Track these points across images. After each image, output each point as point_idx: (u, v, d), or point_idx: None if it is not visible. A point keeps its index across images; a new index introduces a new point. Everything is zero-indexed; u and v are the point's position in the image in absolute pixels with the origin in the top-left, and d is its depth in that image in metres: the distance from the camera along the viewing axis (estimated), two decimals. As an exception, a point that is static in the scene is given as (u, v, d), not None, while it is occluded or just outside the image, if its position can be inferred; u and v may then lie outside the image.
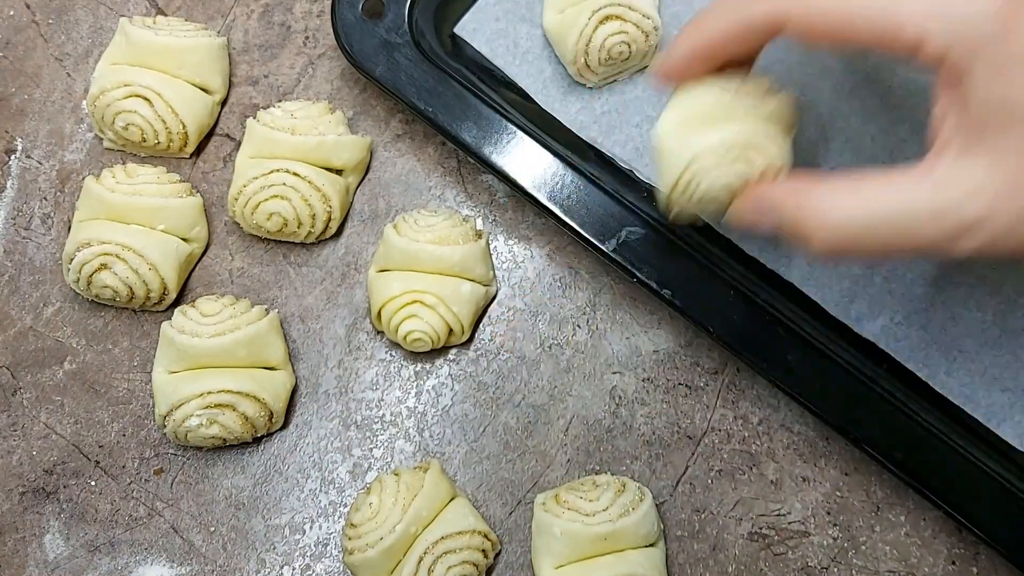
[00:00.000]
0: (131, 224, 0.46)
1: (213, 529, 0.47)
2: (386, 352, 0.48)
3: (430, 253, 0.45)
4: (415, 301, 0.45)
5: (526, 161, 0.46)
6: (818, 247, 0.33)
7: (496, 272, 0.49)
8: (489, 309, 0.49)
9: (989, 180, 0.31)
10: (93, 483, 0.47)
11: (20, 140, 0.51)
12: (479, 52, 0.49)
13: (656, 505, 0.46)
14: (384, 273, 0.46)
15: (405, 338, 0.45)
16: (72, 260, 0.46)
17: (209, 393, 0.44)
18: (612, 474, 0.46)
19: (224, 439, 0.45)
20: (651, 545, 0.44)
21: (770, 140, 0.37)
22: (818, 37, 0.33)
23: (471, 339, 0.48)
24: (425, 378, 0.48)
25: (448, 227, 0.46)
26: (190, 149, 0.50)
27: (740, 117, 0.37)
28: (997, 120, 0.30)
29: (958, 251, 0.32)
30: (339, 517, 0.47)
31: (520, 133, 0.46)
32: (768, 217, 0.36)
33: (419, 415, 0.48)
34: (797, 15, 0.33)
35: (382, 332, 0.47)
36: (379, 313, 0.46)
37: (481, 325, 0.48)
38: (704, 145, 0.36)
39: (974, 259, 0.32)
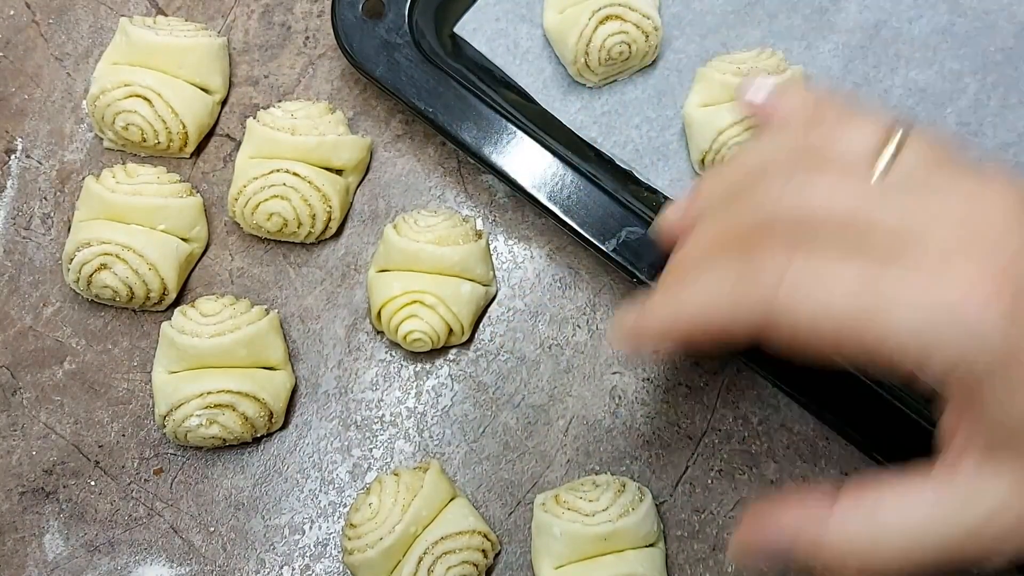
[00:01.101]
0: (131, 224, 0.46)
1: (213, 529, 0.47)
2: (386, 352, 0.48)
3: (430, 253, 0.45)
4: (415, 301, 0.45)
5: (526, 161, 0.46)
6: None
7: (496, 272, 0.49)
8: (489, 309, 0.49)
9: (1017, 495, 0.28)
10: (93, 483, 0.47)
11: (20, 140, 0.51)
12: (479, 52, 0.49)
13: (656, 505, 0.45)
14: (384, 273, 0.46)
15: (405, 338, 0.45)
16: (72, 260, 0.46)
17: (209, 393, 0.44)
18: (612, 474, 0.46)
19: (224, 439, 0.45)
20: (651, 545, 0.43)
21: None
22: (796, 347, 0.29)
23: (471, 339, 0.48)
24: (425, 378, 0.48)
25: (448, 227, 0.46)
26: (190, 149, 0.50)
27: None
28: (1017, 436, 0.28)
29: (991, 565, 0.29)
30: (339, 517, 0.47)
31: (520, 133, 0.46)
32: (779, 555, 0.32)
33: (419, 415, 0.48)
34: (788, 324, 0.29)
35: (382, 332, 0.47)
36: (379, 313, 0.46)
37: (481, 325, 0.48)
38: (728, 119, 0.44)
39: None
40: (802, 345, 0.29)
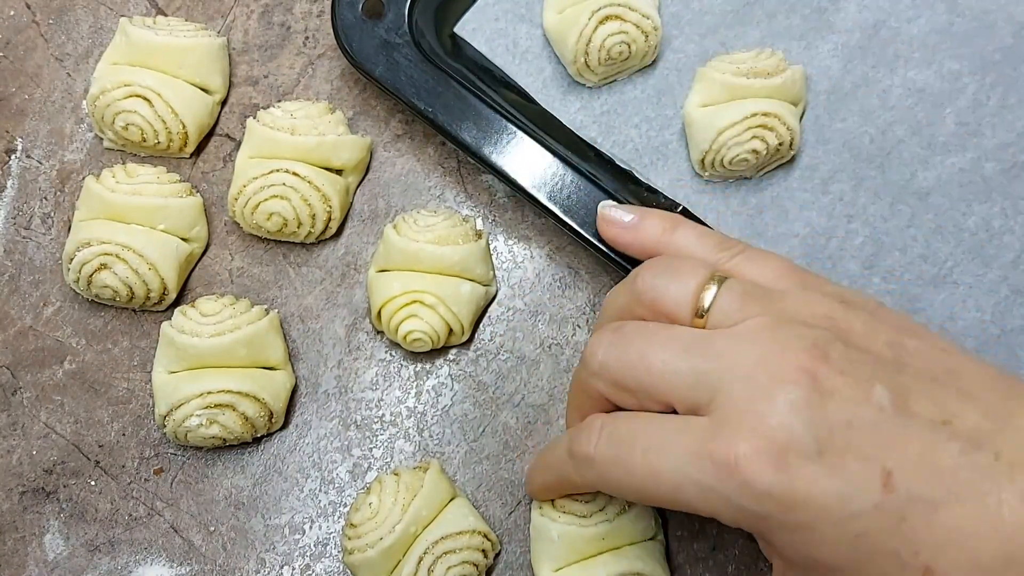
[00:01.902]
0: (131, 224, 0.46)
1: (213, 529, 0.47)
2: (386, 352, 0.48)
3: (430, 253, 0.45)
4: (415, 301, 0.45)
5: (526, 161, 0.46)
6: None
7: (496, 272, 0.49)
8: (489, 309, 0.49)
9: None
10: (93, 483, 0.47)
11: (20, 140, 0.51)
12: (479, 52, 0.49)
13: (656, 505, 0.46)
14: (384, 273, 0.47)
15: (405, 338, 0.45)
16: (72, 260, 0.46)
17: (209, 393, 0.44)
18: None
19: (224, 439, 0.45)
20: (650, 539, 0.44)
21: (781, 109, 0.44)
22: (631, 498, 0.36)
23: (471, 339, 0.48)
24: (425, 378, 0.48)
25: (448, 227, 0.46)
26: (190, 149, 0.50)
27: (754, 94, 0.45)
28: (812, 572, 0.32)
29: None
30: (339, 517, 0.47)
31: (520, 133, 0.46)
32: None
33: (419, 415, 0.48)
34: (611, 487, 0.35)
35: (382, 332, 0.47)
36: (379, 313, 0.46)
37: (481, 325, 0.49)
38: (727, 119, 0.44)
39: None
40: (628, 499, 0.37)
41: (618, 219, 0.42)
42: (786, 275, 0.36)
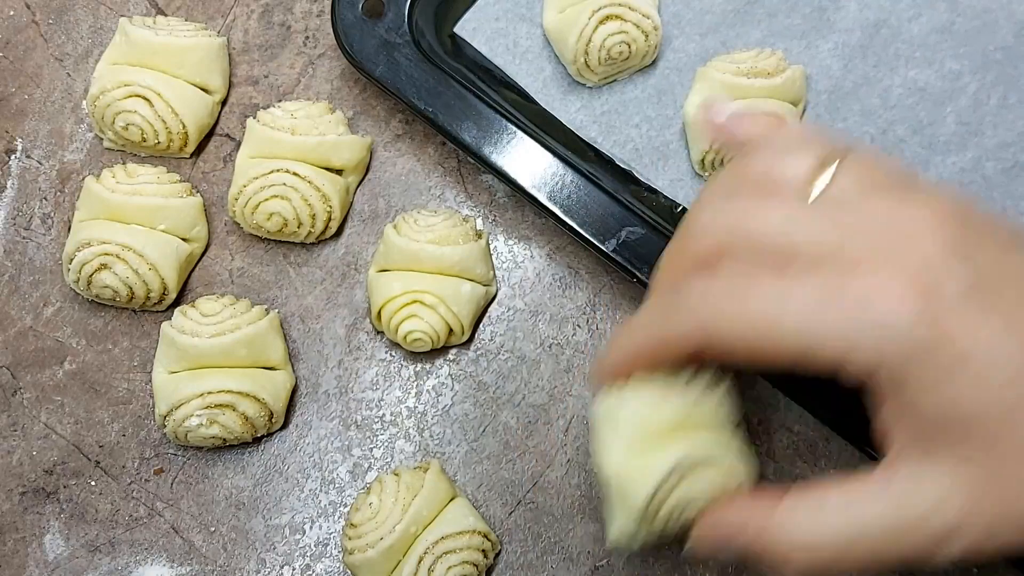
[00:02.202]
0: (131, 224, 0.46)
1: (213, 529, 0.47)
2: (386, 352, 0.48)
3: (430, 253, 0.45)
4: (415, 301, 0.45)
5: (526, 161, 0.46)
6: (790, 571, 0.32)
7: (496, 272, 0.49)
8: (489, 309, 0.49)
9: (955, 490, 0.29)
10: (93, 483, 0.47)
11: (20, 140, 0.51)
12: (479, 52, 0.49)
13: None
14: (384, 273, 0.46)
15: (405, 338, 0.45)
16: (72, 260, 0.46)
17: (209, 393, 0.44)
18: None
19: (224, 439, 0.45)
20: (728, 428, 0.38)
21: (781, 109, 0.40)
22: (740, 360, 0.31)
23: (471, 339, 0.48)
24: (425, 378, 0.48)
25: (448, 227, 0.46)
26: (190, 149, 0.50)
27: (754, 94, 0.41)
28: (945, 431, 0.29)
29: (940, 560, 0.30)
30: (339, 517, 0.47)
31: (520, 133, 0.46)
32: (730, 547, 0.34)
33: (419, 415, 0.48)
34: (716, 340, 0.31)
35: (382, 332, 0.47)
36: (379, 313, 0.46)
37: (481, 325, 0.48)
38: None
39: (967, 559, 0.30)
40: (733, 357, 0.31)
41: (722, 110, 0.39)
42: (897, 166, 0.34)
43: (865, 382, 0.30)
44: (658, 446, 0.36)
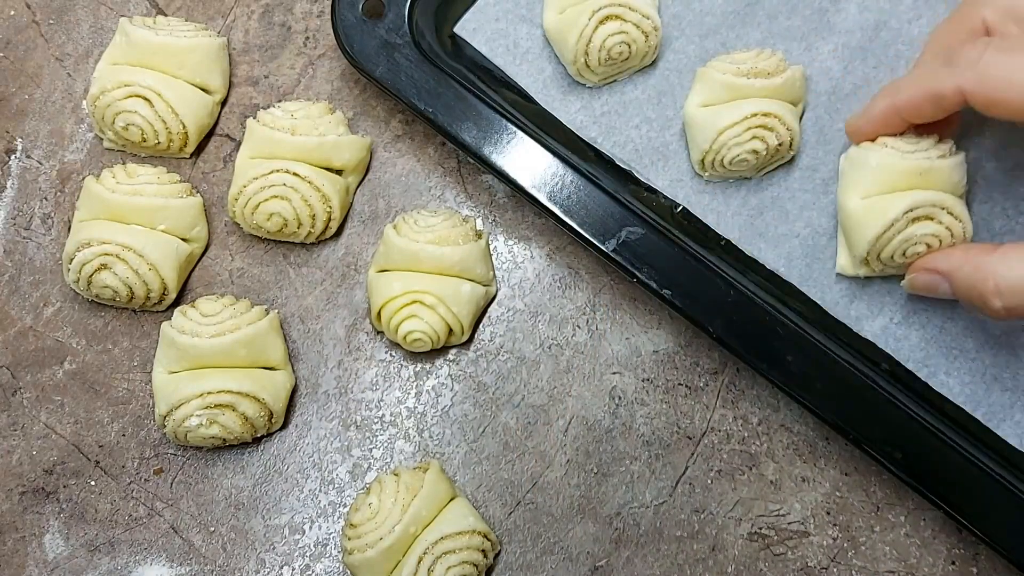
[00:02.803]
0: (131, 224, 0.46)
1: (213, 529, 0.47)
2: (386, 352, 0.48)
3: (430, 253, 0.45)
4: (415, 301, 0.45)
5: (526, 161, 0.46)
6: (997, 308, 0.38)
7: (496, 272, 0.49)
8: (489, 309, 0.49)
9: None
10: (93, 483, 0.47)
11: (20, 140, 0.51)
12: (479, 52, 0.49)
13: (655, 505, 0.46)
14: (384, 273, 0.46)
15: (405, 338, 0.45)
16: (72, 260, 0.46)
17: (209, 393, 0.44)
18: None
19: (224, 439, 0.45)
20: (959, 192, 0.44)
21: (781, 110, 0.44)
22: (997, 113, 0.37)
23: (471, 339, 0.48)
24: (425, 378, 0.48)
25: (448, 227, 0.46)
26: (190, 149, 0.50)
27: (754, 95, 0.45)
28: None
29: None
30: (339, 517, 0.47)
31: (520, 133, 0.46)
32: (944, 284, 0.41)
33: (419, 415, 0.48)
34: (976, 93, 0.37)
35: (382, 332, 0.47)
36: (379, 313, 0.46)
37: (481, 325, 0.48)
38: (728, 119, 0.44)
39: None
40: (994, 113, 0.37)
41: None
42: None
43: None
44: (898, 190, 0.42)
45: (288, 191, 0.46)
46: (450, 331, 0.46)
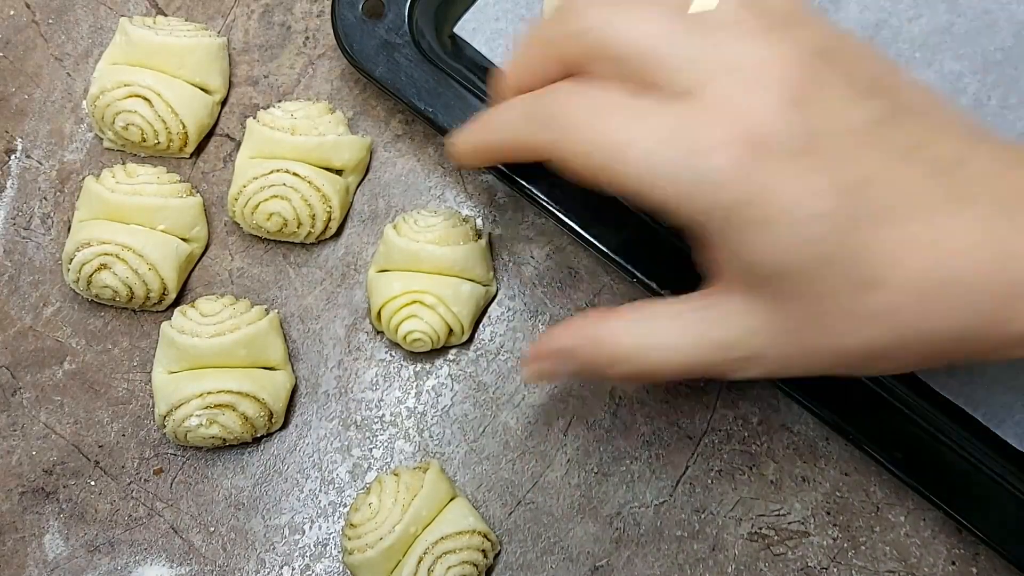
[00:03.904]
0: (131, 224, 0.46)
1: (213, 529, 0.47)
2: (386, 352, 0.48)
3: (430, 253, 0.45)
4: (415, 301, 0.45)
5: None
6: (615, 378, 0.37)
7: (496, 272, 0.49)
8: (489, 309, 0.49)
9: (762, 325, 0.33)
10: (93, 483, 0.47)
11: (20, 140, 0.51)
12: (479, 52, 0.49)
13: (656, 505, 0.46)
14: (384, 273, 0.46)
15: (405, 338, 0.45)
16: (72, 260, 0.46)
17: (209, 393, 0.44)
18: None
19: (224, 439, 0.45)
20: None
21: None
22: (587, 183, 0.33)
23: (471, 339, 0.48)
24: (425, 378, 0.48)
25: (448, 227, 0.46)
26: (190, 149, 0.50)
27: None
28: (766, 278, 0.32)
29: (731, 379, 0.35)
30: (339, 517, 0.47)
31: (520, 133, 0.46)
32: (563, 360, 0.38)
33: (419, 415, 0.48)
34: (566, 160, 0.33)
35: (382, 332, 0.47)
36: (379, 313, 0.46)
37: (481, 325, 0.48)
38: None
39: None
40: (575, 174, 0.33)
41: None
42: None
43: (692, 227, 0.32)
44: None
45: (288, 191, 0.46)
46: (450, 331, 0.46)
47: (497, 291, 0.49)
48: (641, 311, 0.36)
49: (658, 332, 0.35)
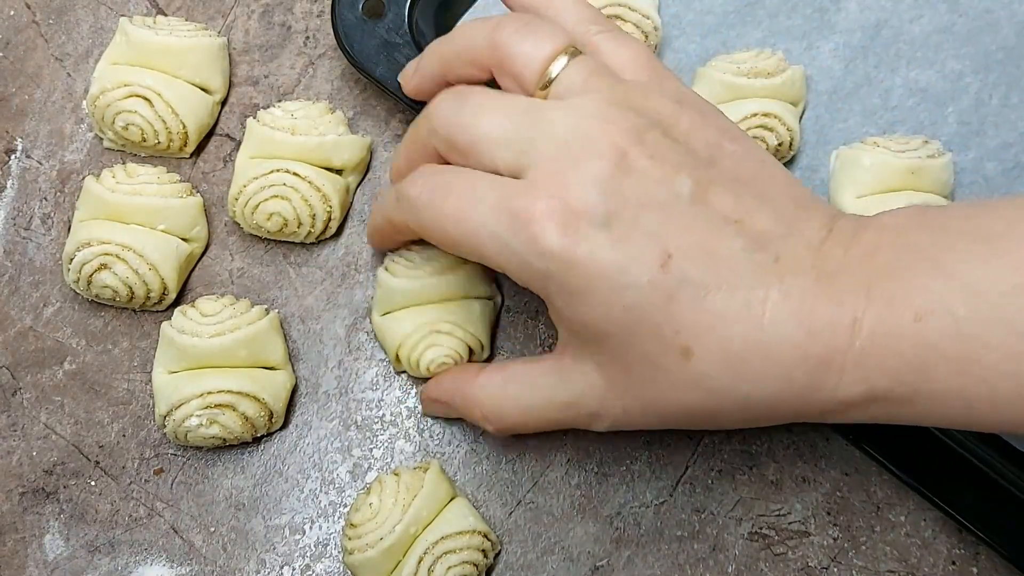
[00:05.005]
0: (131, 224, 0.46)
1: (213, 529, 0.47)
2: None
3: (433, 285, 0.44)
4: (431, 332, 0.44)
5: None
6: (490, 429, 0.40)
7: (497, 276, 0.49)
8: (491, 311, 0.49)
9: (596, 381, 0.36)
10: (93, 483, 0.47)
11: (20, 140, 0.51)
12: (479, 52, 0.49)
13: (656, 505, 0.46)
14: (390, 316, 0.45)
15: (430, 368, 0.44)
16: (72, 260, 0.46)
17: (209, 393, 0.44)
18: None
19: (224, 439, 0.45)
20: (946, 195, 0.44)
21: (781, 110, 0.44)
22: (449, 250, 0.38)
23: (492, 355, 0.47)
24: (425, 378, 0.48)
25: (443, 255, 0.44)
26: (190, 149, 0.50)
27: (754, 94, 0.44)
28: (589, 339, 0.34)
29: (596, 429, 0.38)
30: (339, 517, 0.47)
31: (520, 133, 0.46)
32: (446, 409, 0.44)
33: (419, 415, 0.48)
34: (426, 233, 0.37)
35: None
36: (397, 355, 0.45)
37: (481, 325, 0.48)
38: (729, 118, 0.40)
39: None
40: (439, 245, 0.37)
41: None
42: (642, 64, 0.37)
43: (523, 284, 0.35)
44: (892, 190, 0.43)
45: (288, 191, 0.46)
46: (471, 352, 0.45)
47: (503, 301, 0.48)
48: (502, 372, 0.40)
49: (512, 394, 0.39)
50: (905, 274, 0.31)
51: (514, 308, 0.49)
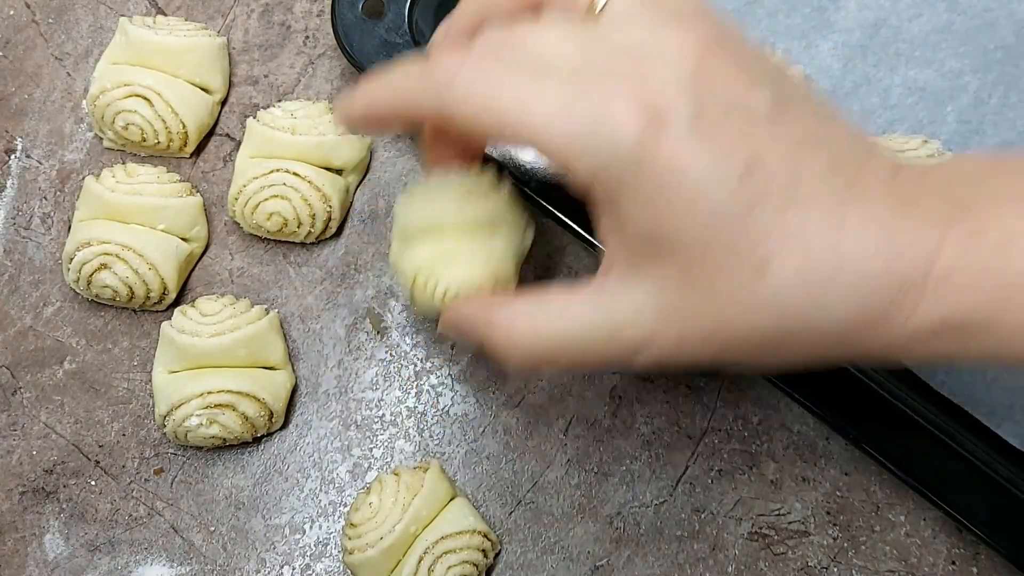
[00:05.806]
0: (131, 224, 0.46)
1: (213, 529, 0.47)
2: (386, 352, 0.48)
3: (455, 212, 0.40)
4: (451, 256, 0.40)
5: (525, 160, 0.46)
6: (511, 363, 0.35)
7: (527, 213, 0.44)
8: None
9: (649, 304, 0.32)
10: (93, 483, 0.47)
11: (20, 140, 0.51)
12: (479, 52, 0.49)
13: (656, 505, 0.46)
14: (407, 248, 0.42)
15: (447, 293, 0.40)
16: (72, 260, 0.46)
17: (209, 393, 0.44)
18: None
19: (224, 439, 0.45)
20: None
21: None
22: (476, 138, 0.35)
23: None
24: (425, 378, 0.48)
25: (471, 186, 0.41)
26: (190, 149, 0.50)
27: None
28: (650, 249, 0.31)
29: (635, 367, 0.34)
30: (339, 517, 0.47)
31: (520, 133, 0.46)
32: (467, 334, 0.38)
33: (419, 415, 0.48)
34: (457, 118, 0.33)
35: (380, 332, 0.47)
36: (412, 292, 0.41)
37: (481, 325, 0.48)
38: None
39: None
40: (468, 133, 0.34)
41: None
42: None
43: (587, 192, 0.32)
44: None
45: (288, 191, 0.46)
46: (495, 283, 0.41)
47: (533, 235, 0.44)
48: (538, 297, 0.35)
49: (550, 322, 0.34)
50: (987, 202, 0.30)
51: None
